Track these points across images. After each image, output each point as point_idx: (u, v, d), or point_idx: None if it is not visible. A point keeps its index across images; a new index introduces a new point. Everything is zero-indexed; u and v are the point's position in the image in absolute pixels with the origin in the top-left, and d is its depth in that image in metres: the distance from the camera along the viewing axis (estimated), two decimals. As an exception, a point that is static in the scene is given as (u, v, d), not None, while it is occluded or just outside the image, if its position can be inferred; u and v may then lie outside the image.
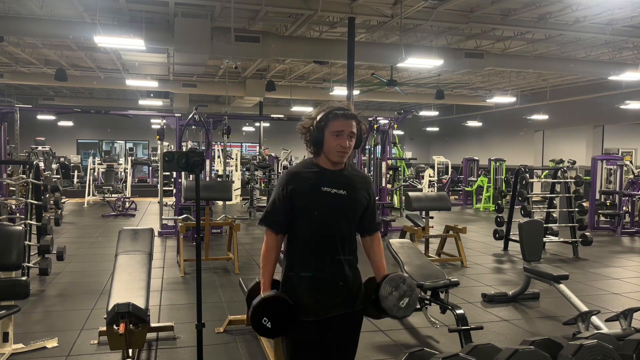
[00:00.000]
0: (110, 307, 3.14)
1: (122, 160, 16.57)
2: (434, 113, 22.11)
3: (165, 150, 8.45)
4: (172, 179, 12.20)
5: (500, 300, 5.12)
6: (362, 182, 2.23)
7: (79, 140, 26.04)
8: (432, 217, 7.55)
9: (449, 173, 17.32)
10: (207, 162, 9.83)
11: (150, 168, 18.39)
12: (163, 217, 9.14)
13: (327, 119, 2.09)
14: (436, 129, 26.37)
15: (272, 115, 18.75)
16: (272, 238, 2.18)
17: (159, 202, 9.39)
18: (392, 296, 2.16)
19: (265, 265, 2.18)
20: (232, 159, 14.67)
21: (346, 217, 2.17)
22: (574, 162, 14.73)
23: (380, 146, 10.14)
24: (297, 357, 2.16)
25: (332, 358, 2.20)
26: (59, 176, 14.37)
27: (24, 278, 3.63)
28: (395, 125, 10.00)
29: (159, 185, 9.90)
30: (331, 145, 2.10)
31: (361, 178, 2.24)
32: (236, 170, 14.55)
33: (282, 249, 2.27)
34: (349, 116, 2.10)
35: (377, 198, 9.86)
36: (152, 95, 17.80)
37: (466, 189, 15.22)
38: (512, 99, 17.92)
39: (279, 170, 13.23)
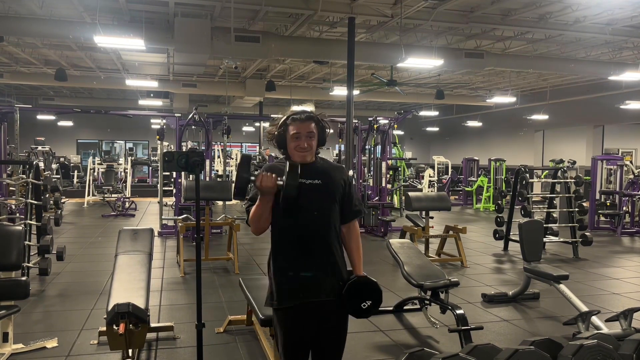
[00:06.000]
0: (110, 307, 3.15)
1: (122, 160, 16.56)
2: (434, 113, 22.10)
3: (165, 150, 8.44)
4: (172, 179, 12.20)
5: (500, 300, 5.11)
6: (336, 170, 2.37)
7: (78, 140, 26.03)
8: (432, 217, 7.55)
9: (449, 173, 17.32)
10: (207, 162, 9.84)
11: (150, 168, 18.39)
12: (163, 217, 9.14)
13: (286, 124, 2.26)
14: (436, 129, 26.36)
15: (272, 115, 18.69)
16: None
17: (158, 202, 9.39)
18: (354, 299, 2.24)
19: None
20: (232, 159, 14.67)
21: (325, 204, 2.26)
22: (574, 162, 14.71)
23: (380, 146, 10.14)
24: (287, 345, 2.24)
25: (322, 345, 2.27)
26: (58, 176, 14.38)
27: (24, 278, 3.63)
28: (395, 125, 10.01)
29: (159, 185, 9.89)
30: (291, 147, 2.25)
31: (335, 167, 2.39)
32: (236, 171, 14.53)
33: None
34: (305, 119, 2.24)
35: (377, 198, 9.85)
36: (152, 95, 17.78)
37: (466, 189, 15.22)
38: (512, 99, 17.90)
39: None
